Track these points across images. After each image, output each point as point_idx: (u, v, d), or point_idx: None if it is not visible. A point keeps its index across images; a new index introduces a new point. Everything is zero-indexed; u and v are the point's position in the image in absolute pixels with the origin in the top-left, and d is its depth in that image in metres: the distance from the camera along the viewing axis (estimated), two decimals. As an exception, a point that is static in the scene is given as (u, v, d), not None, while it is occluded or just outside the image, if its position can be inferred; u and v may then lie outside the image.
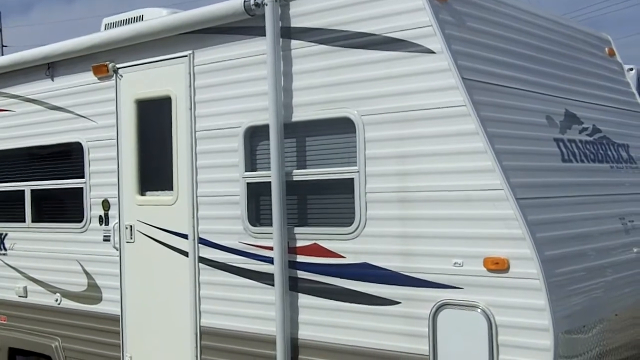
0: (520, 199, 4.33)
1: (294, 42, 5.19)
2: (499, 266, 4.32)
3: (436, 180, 4.56)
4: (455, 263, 4.50)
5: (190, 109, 5.73)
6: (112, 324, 6.34)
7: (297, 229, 5.20)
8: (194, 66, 5.73)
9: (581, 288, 4.62)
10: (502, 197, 4.31)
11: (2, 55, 7.60)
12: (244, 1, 5.30)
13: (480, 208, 4.39)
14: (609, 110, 6.01)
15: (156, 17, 6.12)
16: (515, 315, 4.28)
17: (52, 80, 6.86)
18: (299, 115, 5.17)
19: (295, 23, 5.19)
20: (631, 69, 6.68)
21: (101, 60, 6.38)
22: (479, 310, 4.39)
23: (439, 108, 4.54)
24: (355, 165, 4.90)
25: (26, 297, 7.14)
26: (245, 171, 5.45)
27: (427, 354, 4.60)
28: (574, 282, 4.54)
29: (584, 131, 5.51)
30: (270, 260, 5.26)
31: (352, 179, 4.91)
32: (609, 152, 5.73)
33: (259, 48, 5.33)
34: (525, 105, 4.97)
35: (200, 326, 5.73)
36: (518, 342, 4.26)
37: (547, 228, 4.47)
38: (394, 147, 4.72)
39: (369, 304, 4.86)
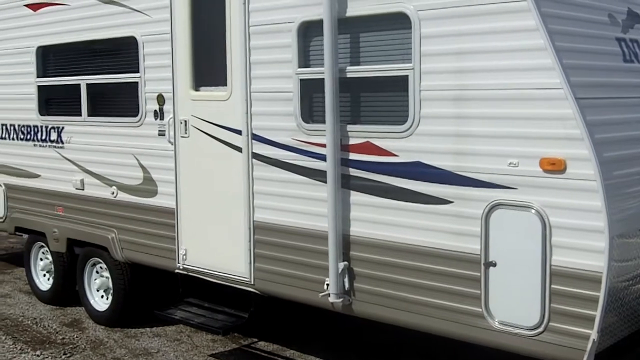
0: (580, 98, 4.22)
1: None
2: (555, 167, 4.25)
3: (494, 78, 4.46)
4: (510, 163, 4.44)
5: (244, 3, 5.65)
6: (168, 217, 6.46)
7: (349, 127, 5.17)
8: (247, -41, 5.63)
9: (637, 191, 4.53)
10: (561, 96, 4.20)
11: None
12: None
13: (539, 107, 4.30)
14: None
15: None
16: (570, 217, 4.23)
17: (106, -27, 6.82)
18: (354, 10, 5.07)
19: None
20: None
21: (155, -47, 6.31)
22: (533, 210, 4.35)
23: (498, 3, 4.40)
24: (410, 62, 4.81)
25: (83, 189, 7.29)
26: (299, 67, 5.40)
27: (478, 253, 4.60)
28: (630, 185, 4.46)
29: (647, 31, 5.30)
30: (322, 157, 5.26)
31: (406, 76, 4.83)
32: (673, 53, 5.52)
33: (314, -62, 5.20)
34: (587, 2, 4.78)
35: (253, 221, 5.81)
36: (572, 244, 4.24)
37: (606, 129, 4.38)
38: (450, 43, 4.62)
39: (420, 203, 4.85)
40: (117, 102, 6.98)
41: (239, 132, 5.82)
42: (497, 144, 4.49)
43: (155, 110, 6.48)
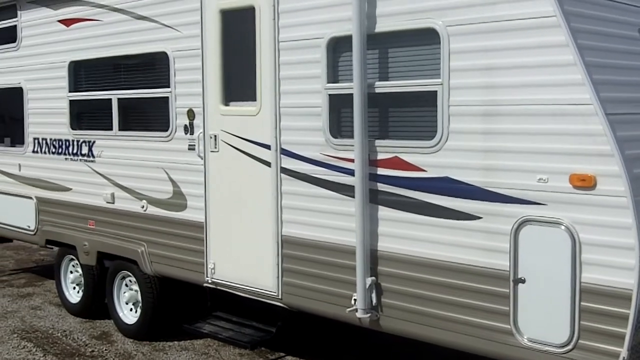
0: (610, 114, 4.19)
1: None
2: (585, 183, 4.22)
3: (523, 94, 4.45)
4: (539, 179, 4.42)
5: (274, 19, 5.69)
6: (197, 231, 6.49)
7: (378, 142, 5.17)
8: (277, -25, 5.67)
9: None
10: (591, 112, 4.18)
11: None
12: None
13: (568, 123, 4.28)
14: None
15: None
16: (600, 234, 4.20)
17: (138, -11, 6.90)
18: (383, 25, 5.08)
19: None
20: None
21: (185, -31, 6.38)
22: (562, 227, 4.32)
23: (527, 19, 4.39)
24: (439, 78, 4.81)
25: (113, 203, 7.35)
26: (328, 82, 5.42)
27: (507, 269, 4.58)
28: (662, 202, 4.42)
29: (679, 46, 5.26)
30: (350, 172, 5.27)
31: (435, 92, 4.83)
32: None
33: (343, -44, 5.23)
34: (616, 17, 4.76)
35: (282, 235, 5.82)
36: (602, 261, 4.20)
37: (636, 145, 4.34)
38: (479, 59, 4.61)
39: (449, 218, 4.84)
40: (148, 117, 7.05)
41: (268, 147, 5.84)
42: (526, 160, 4.47)
43: (186, 125, 6.53)
